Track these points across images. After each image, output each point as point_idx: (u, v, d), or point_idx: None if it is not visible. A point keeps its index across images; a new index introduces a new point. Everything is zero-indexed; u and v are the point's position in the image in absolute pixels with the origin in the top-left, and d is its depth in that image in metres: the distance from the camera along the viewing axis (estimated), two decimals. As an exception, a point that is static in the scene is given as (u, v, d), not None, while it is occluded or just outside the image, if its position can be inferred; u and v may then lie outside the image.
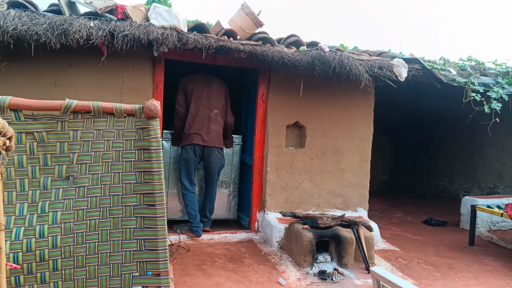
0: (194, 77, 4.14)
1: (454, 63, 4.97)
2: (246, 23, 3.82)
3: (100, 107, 2.00)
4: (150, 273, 2.06)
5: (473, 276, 3.58)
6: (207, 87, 4.12)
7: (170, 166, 4.41)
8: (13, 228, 1.86)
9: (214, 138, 4.10)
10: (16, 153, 1.90)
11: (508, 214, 4.10)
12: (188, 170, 4.11)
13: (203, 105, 4.06)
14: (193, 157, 4.06)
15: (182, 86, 4.08)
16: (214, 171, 4.23)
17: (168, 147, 4.37)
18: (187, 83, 4.08)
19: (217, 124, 4.13)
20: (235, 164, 4.62)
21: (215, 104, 4.14)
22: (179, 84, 4.10)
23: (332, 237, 3.57)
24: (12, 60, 3.37)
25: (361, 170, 4.68)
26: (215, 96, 4.16)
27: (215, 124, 4.10)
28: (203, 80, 4.14)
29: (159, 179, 2.05)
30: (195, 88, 4.07)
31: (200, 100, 4.05)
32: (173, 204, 4.42)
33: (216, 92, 4.17)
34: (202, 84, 4.11)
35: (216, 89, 4.18)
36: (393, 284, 2.40)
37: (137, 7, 3.50)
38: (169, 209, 4.34)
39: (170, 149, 4.40)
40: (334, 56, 3.83)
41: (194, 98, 4.04)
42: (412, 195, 7.80)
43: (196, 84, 4.09)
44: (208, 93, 4.11)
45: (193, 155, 4.06)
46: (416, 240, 4.68)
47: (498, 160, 6.84)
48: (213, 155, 4.13)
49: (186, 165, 4.10)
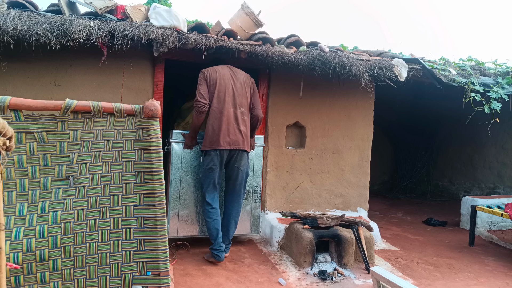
0: (218, 69, 3.53)
1: (454, 63, 4.98)
2: (246, 23, 3.82)
3: (100, 107, 2.00)
4: (150, 273, 2.06)
5: (473, 276, 3.58)
6: (233, 81, 3.53)
7: (182, 173, 3.70)
8: (13, 228, 1.86)
9: (242, 140, 3.49)
10: (16, 153, 1.90)
11: (508, 214, 4.10)
12: (212, 181, 3.48)
13: (228, 101, 3.46)
14: (218, 165, 3.44)
15: (205, 77, 3.46)
16: (241, 180, 3.59)
17: (179, 151, 3.69)
18: (210, 74, 3.47)
19: (244, 124, 3.54)
20: (257, 169, 3.98)
21: (241, 101, 3.54)
22: (201, 75, 3.49)
23: (332, 237, 3.57)
24: (12, 60, 3.37)
25: (361, 170, 4.68)
26: (242, 92, 3.55)
27: (242, 125, 3.51)
28: (227, 73, 3.54)
29: (159, 179, 2.05)
30: (219, 81, 3.45)
31: (224, 96, 3.45)
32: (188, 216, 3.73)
33: (243, 86, 3.57)
34: (226, 78, 3.51)
35: (242, 83, 3.58)
36: (393, 284, 2.40)
37: (137, 7, 3.50)
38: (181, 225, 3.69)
39: (181, 153, 3.71)
40: (334, 56, 3.84)
41: (217, 93, 3.43)
42: (412, 195, 7.81)
43: (220, 77, 3.48)
44: (234, 88, 3.51)
45: (218, 162, 3.43)
46: (416, 240, 4.68)
47: (498, 160, 6.84)
48: (239, 160, 3.53)
49: (210, 175, 3.46)
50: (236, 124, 3.47)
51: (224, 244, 3.55)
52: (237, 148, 3.46)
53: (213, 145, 3.39)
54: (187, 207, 3.72)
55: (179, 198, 3.69)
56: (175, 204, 3.67)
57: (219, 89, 3.44)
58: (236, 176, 3.56)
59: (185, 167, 3.70)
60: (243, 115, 3.53)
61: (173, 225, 3.67)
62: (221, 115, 3.41)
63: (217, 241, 3.46)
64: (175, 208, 3.68)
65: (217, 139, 3.38)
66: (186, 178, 3.70)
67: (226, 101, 3.44)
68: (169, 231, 3.59)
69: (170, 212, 3.65)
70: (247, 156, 3.63)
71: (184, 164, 3.70)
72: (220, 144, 3.38)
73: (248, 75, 3.69)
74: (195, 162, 3.73)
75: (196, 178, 3.72)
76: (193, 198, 3.74)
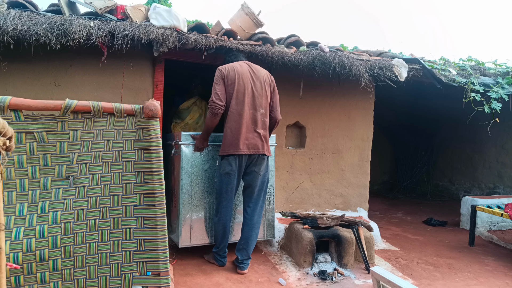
0: (236, 67, 3.27)
1: (454, 63, 4.98)
2: (246, 23, 3.82)
3: (100, 107, 2.00)
4: (150, 273, 2.06)
5: (473, 276, 3.58)
6: (252, 80, 3.28)
7: (192, 178, 3.45)
8: (13, 228, 1.86)
9: (261, 144, 3.27)
10: (16, 153, 1.90)
11: (508, 214, 4.10)
12: (229, 187, 3.24)
13: (247, 103, 3.21)
14: (236, 170, 3.22)
15: (222, 75, 3.21)
16: (260, 186, 3.34)
17: (189, 154, 3.44)
18: (228, 73, 3.21)
19: (264, 127, 3.31)
20: (270, 169, 3.68)
21: (261, 102, 3.29)
22: (218, 73, 3.24)
23: (332, 237, 3.57)
24: (12, 60, 3.37)
25: (361, 170, 4.68)
26: (261, 92, 3.31)
27: (261, 127, 3.28)
28: (246, 71, 3.28)
29: (159, 179, 2.05)
30: (238, 80, 3.20)
31: (243, 97, 3.20)
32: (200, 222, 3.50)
33: (262, 85, 3.32)
34: (245, 76, 3.25)
35: (262, 82, 3.32)
36: (393, 284, 2.40)
37: (137, 7, 3.50)
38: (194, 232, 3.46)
39: (191, 157, 3.46)
40: (334, 56, 3.84)
41: (236, 94, 3.19)
42: (412, 195, 7.81)
43: (239, 76, 3.22)
44: (254, 87, 3.27)
45: (237, 167, 3.22)
46: (416, 240, 4.68)
47: (498, 160, 6.84)
48: (259, 164, 3.29)
49: (227, 181, 3.23)
50: (255, 127, 3.25)
51: (243, 259, 3.27)
52: (257, 153, 3.24)
53: (231, 149, 3.17)
54: (200, 213, 3.49)
55: (191, 204, 3.44)
56: (187, 211, 3.41)
57: (237, 89, 3.20)
58: (256, 182, 3.30)
59: (196, 171, 3.47)
60: (263, 117, 3.29)
61: (186, 233, 3.42)
62: (240, 117, 3.18)
63: (222, 245, 3.30)
64: (187, 215, 3.42)
65: (236, 143, 3.16)
66: (197, 182, 3.47)
67: (246, 102, 3.21)
68: (181, 240, 3.39)
69: (182, 220, 3.40)
70: (267, 161, 3.39)
71: (195, 167, 3.46)
72: (239, 148, 3.16)
73: (268, 73, 3.45)
74: (206, 165, 3.51)
75: (208, 182, 3.51)
76: (206, 203, 3.51)
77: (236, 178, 3.25)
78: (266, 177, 3.38)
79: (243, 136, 3.18)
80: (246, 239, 3.29)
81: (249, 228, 3.30)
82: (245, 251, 3.28)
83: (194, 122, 4.57)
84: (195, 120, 4.57)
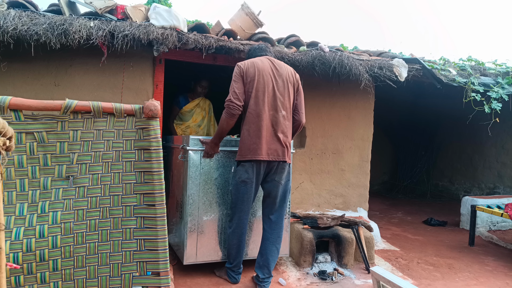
0: (257, 63, 2.95)
1: (454, 63, 4.98)
2: (246, 23, 3.82)
3: (100, 107, 2.00)
4: (150, 273, 2.06)
5: (473, 276, 3.58)
6: (273, 78, 2.96)
7: (200, 187, 3.14)
8: (13, 228, 1.86)
9: (282, 149, 2.94)
10: (16, 153, 1.90)
11: (508, 214, 4.10)
12: (245, 196, 2.94)
13: (267, 103, 2.90)
14: (254, 178, 2.91)
15: (241, 72, 2.91)
16: (282, 196, 3.03)
17: (197, 160, 3.14)
18: (247, 69, 2.91)
19: (285, 131, 2.98)
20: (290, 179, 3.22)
21: (283, 102, 2.97)
22: (236, 69, 2.94)
23: (332, 237, 3.57)
24: (12, 60, 3.36)
25: (361, 170, 4.68)
26: (284, 91, 2.99)
27: (282, 131, 2.95)
28: (267, 67, 2.97)
29: (159, 179, 2.05)
30: (258, 78, 2.89)
31: (263, 96, 2.89)
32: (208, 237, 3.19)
33: (285, 84, 3.00)
34: (266, 74, 2.93)
35: (285, 80, 3.00)
36: (393, 284, 2.40)
37: (137, 7, 3.50)
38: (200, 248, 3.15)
39: (200, 163, 3.15)
40: (334, 56, 3.84)
41: (255, 93, 2.87)
42: (412, 195, 7.81)
43: (259, 73, 2.91)
44: (275, 86, 2.95)
45: (254, 175, 2.90)
46: (416, 240, 4.68)
47: (498, 160, 6.84)
48: (280, 172, 2.97)
49: (243, 190, 2.92)
50: (276, 130, 2.92)
51: (265, 277, 2.96)
52: (277, 159, 2.91)
53: (248, 154, 2.85)
54: (208, 227, 3.17)
55: (198, 216, 3.13)
56: (193, 224, 3.12)
57: (257, 88, 2.88)
58: (277, 192, 2.99)
59: (205, 180, 3.15)
60: (284, 119, 2.96)
61: (191, 249, 3.13)
62: (259, 119, 2.86)
63: (237, 261, 3.01)
64: (194, 229, 3.13)
65: (254, 147, 2.84)
66: (205, 192, 3.16)
67: (266, 103, 2.88)
68: (186, 256, 3.09)
69: (187, 233, 3.10)
70: (289, 168, 3.07)
71: (204, 176, 3.15)
72: (257, 154, 2.84)
73: (293, 70, 3.13)
74: (215, 174, 3.21)
75: (218, 192, 3.22)
76: (215, 215, 3.20)
77: (253, 187, 2.94)
78: (288, 186, 3.08)
79: (263, 140, 2.85)
80: (266, 255, 2.96)
81: (269, 243, 2.98)
82: (266, 269, 2.96)
83: (196, 125, 4.48)
84: (197, 123, 4.48)
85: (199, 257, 3.16)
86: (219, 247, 3.23)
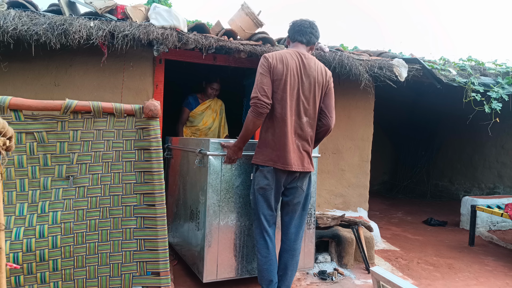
0: (286, 57, 2.56)
1: (454, 63, 4.98)
2: (246, 23, 3.82)
3: (100, 107, 2.00)
4: (150, 273, 2.06)
5: (473, 276, 3.58)
6: (300, 78, 2.58)
7: (221, 197, 2.84)
8: (13, 228, 1.86)
9: (302, 159, 2.63)
10: (16, 153, 1.90)
11: (508, 214, 4.10)
12: (266, 204, 2.63)
13: (289, 106, 2.55)
14: (274, 185, 2.60)
15: (269, 66, 2.51)
16: (303, 204, 2.75)
17: (218, 166, 2.83)
18: (276, 65, 2.52)
19: (306, 138, 2.66)
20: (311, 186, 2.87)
21: (306, 107, 2.62)
22: (264, 61, 2.55)
23: (332, 237, 3.57)
24: (12, 60, 3.36)
25: (361, 170, 4.68)
26: (309, 94, 2.62)
27: (303, 139, 2.64)
28: (295, 65, 2.57)
29: (159, 179, 2.05)
30: (285, 77, 2.52)
31: (286, 99, 2.54)
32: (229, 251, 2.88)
33: (312, 85, 2.62)
34: (294, 73, 2.56)
35: (313, 82, 2.62)
36: (393, 284, 2.40)
37: (137, 7, 3.50)
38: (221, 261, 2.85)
39: (221, 169, 2.84)
40: (334, 56, 3.84)
41: (281, 94, 2.52)
42: (412, 195, 7.82)
43: (288, 71, 2.53)
44: (301, 87, 2.59)
45: (274, 181, 2.59)
46: (416, 240, 4.68)
47: (498, 160, 6.84)
48: (301, 179, 2.68)
49: (263, 197, 2.62)
50: (297, 138, 2.62)
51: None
52: (299, 170, 2.60)
53: (269, 160, 2.56)
54: (229, 239, 2.88)
55: (218, 228, 2.82)
56: (213, 237, 2.81)
57: (283, 88, 2.52)
58: (298, 198, 2.70)
59: (226, 188, 2.85)
60: (307, 126, 2.64)
61: (211, 265, 2.80)
62: (284, 124, 2.53)
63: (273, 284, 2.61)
64: (214, 242, 2.81)
65: (276, 154, 2.54)
66: (227, 202, 2.87)
67: (288, 106, 2.54)
68: (205, 273, 2.78)
69: (206, 248, 2.78)
70: (311, 176, 2.81)
71: (224, 184, 2.84)
72: (277, 161, 2.54)
73: (324, 68, 2.73)
74: (237, 181, 2.89)
75: (240, 201, 2.91)
76: (237, 227, 2.90)
77: (273, 195, 2.62)
78: (310, 191, 2.80)
79: (287, 148, 2.54)
80: (284, 269, 2.68)
81: (289, 256, 2.68)
82: (283, 283, 2.67)
83: (206, 128, 4.35)
84: (207, 125, 4.35)
85: (220, 274, 2.85)
86: (239, 260, 2.93)
